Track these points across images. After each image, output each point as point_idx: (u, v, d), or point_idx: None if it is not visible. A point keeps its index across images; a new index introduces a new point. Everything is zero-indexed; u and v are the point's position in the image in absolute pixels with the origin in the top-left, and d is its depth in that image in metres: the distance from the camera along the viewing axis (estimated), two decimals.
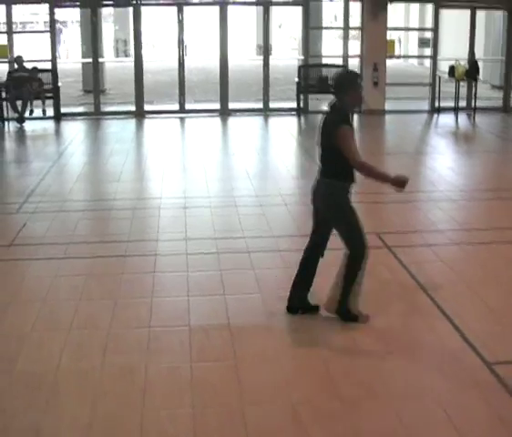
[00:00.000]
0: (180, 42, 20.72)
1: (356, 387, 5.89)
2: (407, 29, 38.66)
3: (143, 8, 20.63)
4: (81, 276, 8.30)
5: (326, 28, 27.72)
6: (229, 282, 8.05)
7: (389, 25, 21.73)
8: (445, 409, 5.56)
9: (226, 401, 5.68)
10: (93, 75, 20.93)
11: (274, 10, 41.94)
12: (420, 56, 31.83)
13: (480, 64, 24.02)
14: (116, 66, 29.48)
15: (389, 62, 21.82)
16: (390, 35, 35.95)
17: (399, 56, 37.70)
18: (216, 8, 20.69)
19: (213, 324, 7.02)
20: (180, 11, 20.53)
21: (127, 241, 9.54)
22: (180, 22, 20.58)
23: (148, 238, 9.66)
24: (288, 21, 42.42)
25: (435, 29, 22.03)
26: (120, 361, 6.30)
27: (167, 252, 9.12)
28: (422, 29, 30.82)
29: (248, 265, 8.57)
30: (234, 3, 21.16)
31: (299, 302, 7.27)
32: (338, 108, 6.99)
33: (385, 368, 6.23)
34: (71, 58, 36.24)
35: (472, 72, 21.08)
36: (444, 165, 14.55)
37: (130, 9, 20.83)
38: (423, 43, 24.08)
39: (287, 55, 38.45)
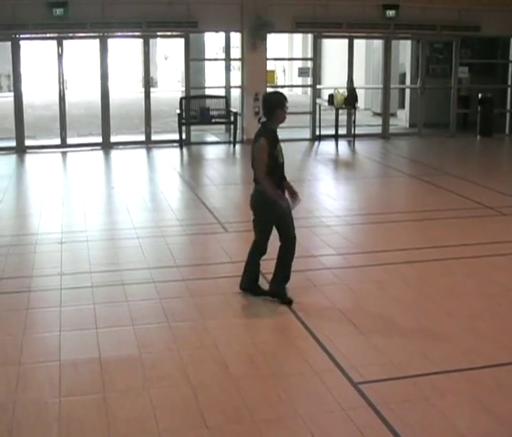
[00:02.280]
0: (61, 76, 20.53)
1: (222, 414, 5.95)
2: (288, 59, 39.19)
3: (22, 42, 20.37)
4: None
5: (207, 60, 27.91)
6: (102, 316, 8.03)
7: (273, 54, 22.03)
8: (312, 432, 5.68)
9: (93, 435, 5.67)
10: None
11: (161, 42, 42.03)
12: (301, 86, 32.35)
13: (361, 92, 24.69)
14: None
15: None
16: (275, 65, 36.63)
17: (282, 86, 38.21)
18: (96, 41, 20.62)
19: (84, 358, 7.00)
20: (60, 45, 20.37)
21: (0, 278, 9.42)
22: (60, 56, 20.40)
23: (23, 275, 9.51)
24: (174, 53, 42.46)
25: (315, 58, 22.48)
26: None
27: (40, 288, 9.03)
28: (301, 59, 31.34)
29: (122, 297, 8.57)
30: (114, 36, 21.08)
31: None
32: (266, 124, 8.22)
33: (252, 393, 6.32)
34: None
35: (350, 100, 21.59)
36: (321, 191, 14.88)
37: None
38: (302, 72, 24.46)
39: (171, 87, 38.49)
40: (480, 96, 22.85)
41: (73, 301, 8.50)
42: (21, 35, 20.09)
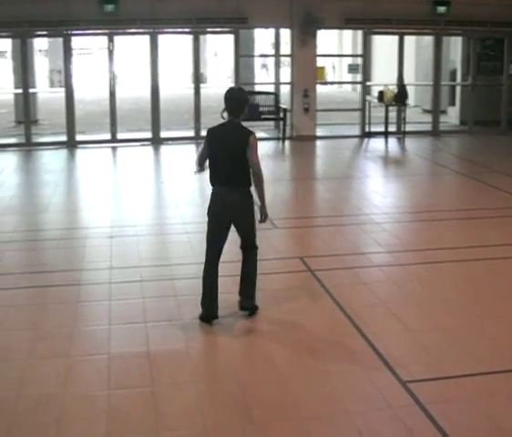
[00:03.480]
0: (111, 71, 20.72)
1: (269, 410, 5.97)
2: (337, 56, 39.06)
3: (74, 38, 20.59)
4: (2, 307, 8.26)
5: (257, 56, 27.95)
6: (150, 310, 8.10)
7: (322, 51, 21.93)
8: (360, 429, 5.67)
9: (141, 428, 5.72)
10: (23, 105, 20.82)
11: (211, 39, 42.18)
12: (350, 82, 32.26)
13: (411, 88, 24.50)
14: (50, 96, 29.20)
15: (323, 88, 22.03)
16: (325, 61, 36.54)
17: (331, 83, 38.16)
18: (146, 37, 20.76)
19: (133, 351, 7.06)
20: (111, 41, 20.55)
21: (50, 271, 9.54)
22: (111, 51, 20.58)
23: (73, 268, 9.62)
24: (224, 49, 42.56)
25: (365, 55, 22.37)
26: (37, 392, 6.28)
27: (90, 281, 9.13)
28: (351, 55, 31.23)
29: (171, 292, 8.63)
30: (164, 32, 21.23)
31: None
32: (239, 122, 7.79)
33: (299, 390, 6.33)
34: (5, 89, 35.87)
35: (400, 97, 21.44)
36: (370, 189, 14.82)
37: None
38: (352, 69, 24.40)
39: (221, 83, 38.57)
40: None
41: (122, 295, 8.59)
42: (72, 32, 20.29)
